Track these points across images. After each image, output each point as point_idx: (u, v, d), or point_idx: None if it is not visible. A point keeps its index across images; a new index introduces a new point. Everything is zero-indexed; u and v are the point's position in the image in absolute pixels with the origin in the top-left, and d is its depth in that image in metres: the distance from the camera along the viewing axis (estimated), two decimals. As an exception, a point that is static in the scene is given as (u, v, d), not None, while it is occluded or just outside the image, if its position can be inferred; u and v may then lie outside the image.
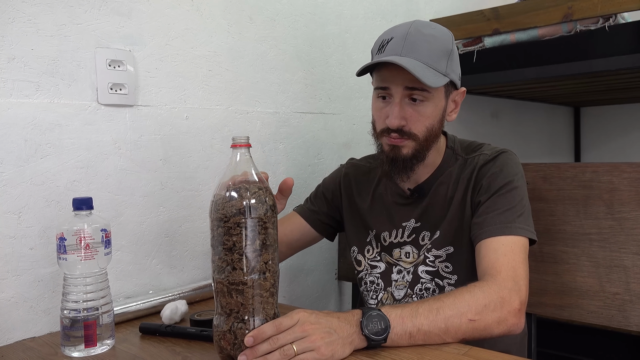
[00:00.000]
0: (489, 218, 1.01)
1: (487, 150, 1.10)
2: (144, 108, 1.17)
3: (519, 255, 0.97)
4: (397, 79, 1.00)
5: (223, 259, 0.80)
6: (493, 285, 0.92)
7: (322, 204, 1.27)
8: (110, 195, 1.12)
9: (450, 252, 1.08)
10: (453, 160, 1.12)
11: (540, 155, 2.83)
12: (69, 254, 0.89)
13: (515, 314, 0.91)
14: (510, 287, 0.92)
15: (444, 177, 1.11)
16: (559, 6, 1.65)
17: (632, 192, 1.16)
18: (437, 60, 1.00)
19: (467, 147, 1.14)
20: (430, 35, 1.01)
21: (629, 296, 1.17)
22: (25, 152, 1.01)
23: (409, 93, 1.01)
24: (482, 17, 1.81)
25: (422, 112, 1.02)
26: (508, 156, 1.08)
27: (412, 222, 1.13)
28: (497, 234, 0.99)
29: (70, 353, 0.90)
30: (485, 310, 0.88)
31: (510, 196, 1.02)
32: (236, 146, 0.83)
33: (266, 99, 1.42)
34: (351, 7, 1.67)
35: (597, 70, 1.65)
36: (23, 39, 1.00)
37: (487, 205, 1.03)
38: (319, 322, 0.81)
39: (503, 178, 1.04)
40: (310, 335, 0.79)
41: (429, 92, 1.01)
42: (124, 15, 1.14)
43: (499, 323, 0.90)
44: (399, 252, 1.14)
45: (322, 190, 1.29)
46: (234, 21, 1.34)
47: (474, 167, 1.08)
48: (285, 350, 0.78)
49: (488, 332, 0.89)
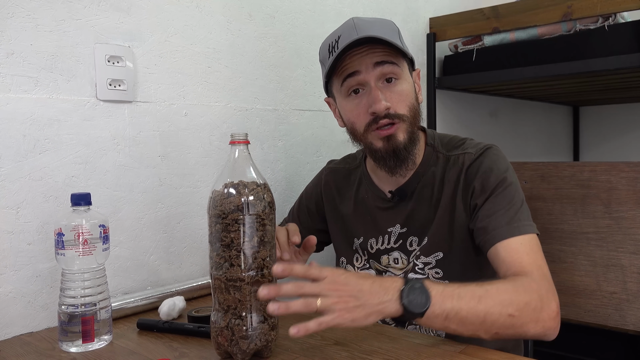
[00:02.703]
0: (493, 220, 0.97)
1: (470, 148, 1.05)
2: (142, 104, 1.17)
3: (539, 253, 0.94)
4: (364, 59, 0.99)
5: (221, 256, 0.80)
6: (532, 283, 0.88)
7: (306, 218, 1.24)
8: (108, 191, 1.12)
9: (439, 257, 1.04)
10: (434, 159, 1.08)
11: (538, 154, 2.83)
12: (67, 250, 0.89)
13: (554, 318, 0.87)
14: (547, 288, 0.89)
15: (427, 178, 1.07)
16: (558, 5, 1.65)
17: (630, 192, 1.17)
18: (392, 35, 0.99)
19: (447, 143, 1.09)
20: (375, 19, 1.02)
21: (626, 295, 1.17)
22: (23, 147, 1.01)
23: (380, 73, 0.99)
24: (482, 16, 1.82)
25: (400, 91, 1.00)
26: (494, 152, 1.04)
27: (397, 227, 1.09)
28: (508, 236, 0.95)
29: (68, 348, 0.90)
30: (526, 307, 0.84)
31: (508, 193, 0.99)
32: (235, 143, 0.83)
33: (265, 96, 1.42)
34: (350, 5, 1.66)
35: (596, 70, 1.65)
36: (22, 34, 1.00)
37: (487, 207, 0.99)
38: (348, 282, 0.77)
39: (496, 177, 1.00)
40: (335, 297, 0.75)
41: (397, 66, 1.00)
42: (123, 11, 1.13)
43: (537, 323, 0.85)
44: (387, 258, 1.10)
45: (305, 203, 1.25)
46: (234, 18, 1.34)
47: (460, 167, 1.04)
48: (309, 303, 0.74)
49: (524, 330, 0.85)
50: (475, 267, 1.04)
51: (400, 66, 1.01)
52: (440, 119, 2.02)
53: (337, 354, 0.85)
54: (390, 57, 0.99)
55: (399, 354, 0.83)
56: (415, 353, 0.84)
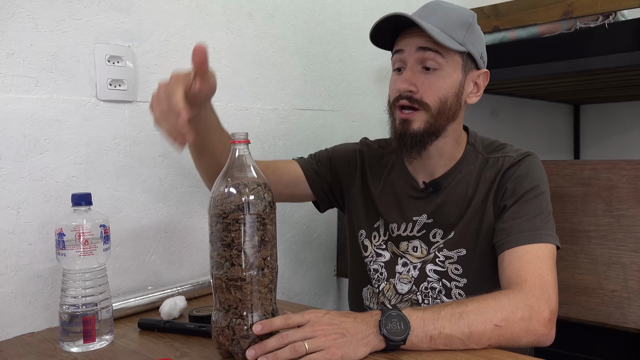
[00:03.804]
0: (516, 225, 0.97)
1: (511, 152, 1.06)
2: (143, 104, 1.17)
3: (546, 262, 0.93)
4: (411, 40, 1.00)
5: (222, 255, 0.80)
6: (519, 293, 0.88)
7: (326, 171, 1.20)
8: (109, 191, 1.12)
9: (462, 254, 1.04)
10: (473, 158, 1.08)
11: (539, 153, 2.79)
12: (67, 250, 0.89)
13: (545, 324, 0.86)
14: (538, 295, 0.88)
15: (464, 175, 1.07)
16: (558, 3, 1.65)
17: (631, 190, 1.17)
18: (454, 28, 0.99)
19: (488, 145, 1.10)
20: (450, 7, 1.03)
21: (627, 293, 1.17)
22: (24, 147, 1.01)
23: (421, 58, 0.99)
24: (482, 14, 1.81)
25: (434, 81, 1.00)
26: (533, 159, 1.05)
27: (424, 217, 1.09)
28: (524, 242, 0.95)
29: (69, 348, 0.90)
30: (511, 317, 0.84)
31: (538, 202, 0.99)
32: (235, 142, 0.83)
33: (265, 95, 1.42)
34: (351, 4, 1.66)
35: (596, 68, 1.65)
36: (22, 34, 1.00)
37: (514, 210, 0.99)
38: (331, 322, 0.80)
39: (529, 182, 1.01)
40: (321, 336, 0.78)
41: (442, 56, 0.99)
42: (123, 11, 1.13)
43: (527, 332, 0.85)
44: (406, 245, 1.10)
45: (330, 157, 1.21)
46: (234, 17, 1.34)
47: (498, 169, 1.04)
48: (297, 347, 0.76)
49: (515, 340, 0.85)
50: (494, 270, 1.02)
51: (446, 57, 1.00)
52: (440, 117, 2.02)
53: (338, 353, 0.85)
54: (436, 46, 0.98)
55: (399, 352, 0.83)
56: (416, 352, 0.84)
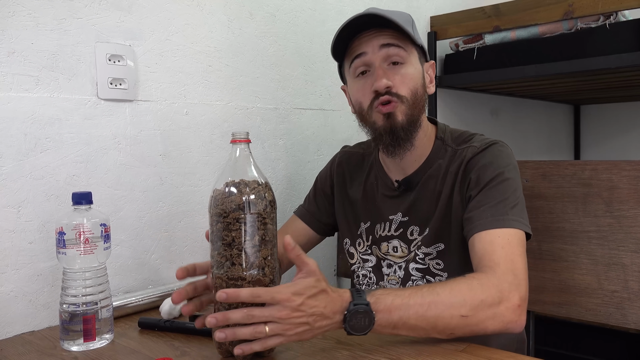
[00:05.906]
0: (479, 212, 0.96)
1: (476, 142, 1.05)
2: (143, 103, 1.17)
3: (517, 248, 0.92)
4: (370, 42, 1.02)
5: (222, 255, 0.80)
6: (492, 278, 0.87)
7: (323, 202, 1.24)
8: (109, 190, 1.12)
9: (440, 249, 1.05)
10: (443, 152, 1.08)
11: (539, 153, 2.83)
12: (68, 249, 0.89)
13: (514, 310, 0.85)
14: (510, 281, 0.87)
15: (433, 170, 1.07)
16: (559, 3, 1.65)
17: (631, 190, 1.16)
18: (404, 23, 1.01)
19: (458, 137, 1.09)
20: (390, 10, 1.04)
21: (627, 294, 1.17)
22: (24, 146, 1.01)
23: (386, 55, 1.01)
24: (483, 14, 1.81)
25: (404, 74, 1.02)
26: (498, 147, 1.03)
27: (399, 215, 1.10)
28: (490, 227, 0.94)
29: (69, 347, 0.90)
30: (481, 305, 0.84)
31: (502, 188, 0.97)
32: (236, 142, 0.83)
33: (266, 94, 1.42)
34: (351, 3, 1.66)
35: (597, 68, 1.65)
36: (23, 32, 1.00)
37: (478, 199, 0.98)
38: (301, 308, 0.76)
39: (493, 170, 0.99)
40: (285, 324, 0.76)
41: (405, 50, 1.02)
42: (124, 10, 1.13)
43: (494, 318, 0.84)
44: (386, 245, 1.11)
45: (320, 187, 1.26)
46: (235, 17, 1.34)
47: (462, 159, 1.04)
48: (257, 329, 0.75)
49: (481, 328, 0.85)
50: None
51: (407, 51, 1.02)
52: (441, 117, 2.02)
53: (339, 353, 0.85)
54: (397, 41, 1.01)
55: (400, 352, 0.83)
56: (417, 352, 0.84)
